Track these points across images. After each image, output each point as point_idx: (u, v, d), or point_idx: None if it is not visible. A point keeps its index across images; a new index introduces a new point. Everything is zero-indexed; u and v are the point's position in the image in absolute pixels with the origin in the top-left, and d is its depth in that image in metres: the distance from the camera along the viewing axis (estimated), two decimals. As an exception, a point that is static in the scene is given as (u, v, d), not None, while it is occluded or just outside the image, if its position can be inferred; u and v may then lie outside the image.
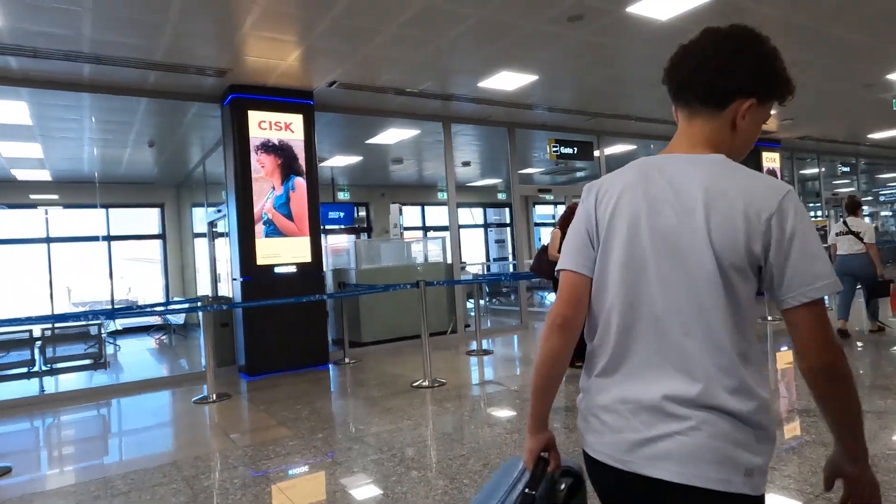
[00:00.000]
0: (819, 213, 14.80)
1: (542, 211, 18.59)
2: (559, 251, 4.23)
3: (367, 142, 9.24)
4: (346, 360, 6.62)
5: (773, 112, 1.82)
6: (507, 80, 6.52)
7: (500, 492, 1.15)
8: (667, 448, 0.96)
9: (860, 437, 1.00)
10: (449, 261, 8.28)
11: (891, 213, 19.96)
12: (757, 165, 11.32)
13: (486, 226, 17.50)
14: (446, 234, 8.42)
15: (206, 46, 5.07)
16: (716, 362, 0.97)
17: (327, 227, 13.73)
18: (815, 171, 13.89)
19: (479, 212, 17.46)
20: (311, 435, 3.89)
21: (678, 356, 0.99)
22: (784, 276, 0.95)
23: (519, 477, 1.17)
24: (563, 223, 5.56)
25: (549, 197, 16.54)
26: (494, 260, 17.47)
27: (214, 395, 5.09)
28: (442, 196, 16.12)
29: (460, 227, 17.20)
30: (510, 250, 17.50)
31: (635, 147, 11.12)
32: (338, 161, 10.72)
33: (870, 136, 11.84)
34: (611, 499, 1.09)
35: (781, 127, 10.44)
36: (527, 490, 1.13)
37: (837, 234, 6.62)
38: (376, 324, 7.50)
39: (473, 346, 6.87)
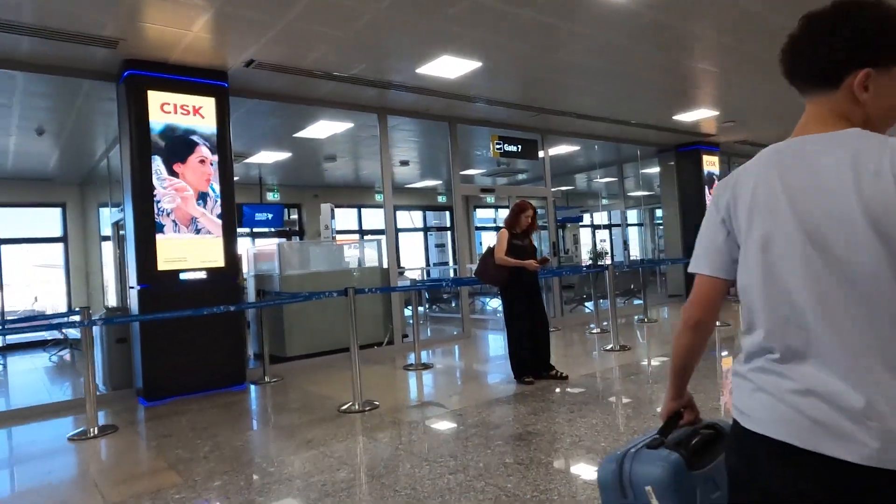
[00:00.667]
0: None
1: (483, 214, 18.18)
2: (506, 253, 3.63)
3: (296, 135, 8.43)
4: (267, 379, 5.81)
5: (712, 114, 2.68)
6: (449, 67, 5.93)
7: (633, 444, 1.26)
8: (857, 431, 0.90)
9: None
10: (385, 265, 7.59)
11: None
12: (697, 169, 11.28)
13: (425, 229, 16.91)
14: (382, 237, 7.74)
15: (87, 5, 4.19)
16: (886, 349, 0.90)
17: (255, 230, 12.79)
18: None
19: (418, 215, 16.85)
20: (205, 482, 3.12)
21: (847, 342, 0.93)
22: None
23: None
24: (511, 223, 5.01)
25: (490, 199, 16.15)
26: (434, 265, 16.91)
27: (96, 429, 4.20)
28: (380, 198, 15.45)
29: (399, 230, 16.51)
30: (451, 255, 17.01)
31: (579, 147, 10.82)
32: (264, 157, 9.82)
33: (802, 141, 12.04)
34: (768, 474, 1.01)
35: (721, 130, 10.38)
36: (657, 434, 1.24)
37: None
38: (304, 336, 6.72)
39: (412, 358, 6.22)
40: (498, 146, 8.26)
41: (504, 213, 10.76)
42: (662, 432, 1.25)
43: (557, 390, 4.67)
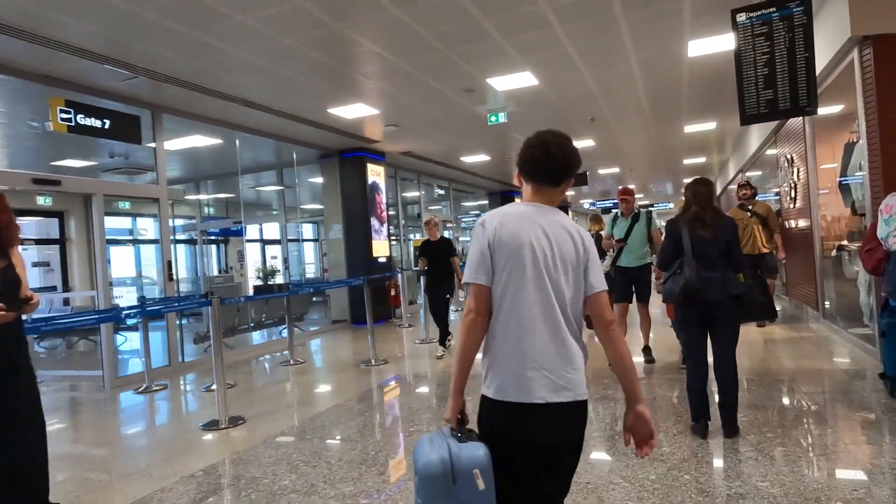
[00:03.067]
0: (417, 235, 14.92)
1: (117, 223, 14.05)
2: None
3: None
4: None
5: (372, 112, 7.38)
6: None
7: (437, 453, 1.51)
8: (563, 384, 1.59)
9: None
10: None
11: (468, 239, 22.17)
12: (362, 178, 10.10)
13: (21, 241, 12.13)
14: None
15: None
16: (577, 330, 1.66)
17: None
18: (416, 193, 13.81)
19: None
20: None
21: (562, 329, 1.62)
22: (589, 275, 1.67)
23: (441, 442, 1.56)
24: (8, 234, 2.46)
25: (124, 205, 12.39)
26: (39, 289, 12.29)
27: None
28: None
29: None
30: (62, 276, 12.77)
31: (221, 141, 8.49)
32: None
33: (462, 158, 12.03)
34: (517, 429, 1.58)
35: (386, 136, 9.35)
36: (459, 434, 1.55)
37: None
38: None
39: None
40: (65, 116, 5.38)
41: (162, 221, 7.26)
42: (462, 430, 1.57)
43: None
